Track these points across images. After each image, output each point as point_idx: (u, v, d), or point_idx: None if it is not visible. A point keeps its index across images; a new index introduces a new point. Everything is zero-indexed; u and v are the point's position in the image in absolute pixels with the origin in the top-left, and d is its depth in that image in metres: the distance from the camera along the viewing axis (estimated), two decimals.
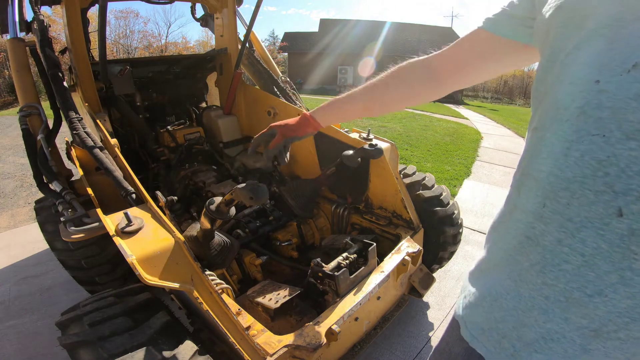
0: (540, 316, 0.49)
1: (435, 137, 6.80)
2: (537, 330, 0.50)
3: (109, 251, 1.64)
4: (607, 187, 0.40)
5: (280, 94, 2.36)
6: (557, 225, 0.45)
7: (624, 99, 0.38)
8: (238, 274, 1.66)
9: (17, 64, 1.83)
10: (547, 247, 0.47)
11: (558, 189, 0.44)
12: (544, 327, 0.49)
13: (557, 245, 0.45)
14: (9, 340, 1.86)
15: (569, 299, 0.45)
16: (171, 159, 2.37)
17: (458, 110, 12.72)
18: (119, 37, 19.74)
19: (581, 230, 0.42)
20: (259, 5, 2.12)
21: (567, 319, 0.46)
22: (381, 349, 1.81)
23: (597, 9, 0.42)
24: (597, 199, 0.40)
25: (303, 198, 1.96)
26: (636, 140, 0.37)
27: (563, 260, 0.45)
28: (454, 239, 1.89)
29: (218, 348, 1.18)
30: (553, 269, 0.46)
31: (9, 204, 3.63)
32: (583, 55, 0.43)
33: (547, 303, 0.48)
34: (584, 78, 0.42)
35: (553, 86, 0.47)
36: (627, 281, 0.40)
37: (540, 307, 0.49)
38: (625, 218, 0.39)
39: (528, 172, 0.50)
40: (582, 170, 0.41)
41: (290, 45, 20.98)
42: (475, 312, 0.61)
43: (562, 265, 0.45)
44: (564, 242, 0.44)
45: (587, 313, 0.44)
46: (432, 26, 23.04)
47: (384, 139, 1.89)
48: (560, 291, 0.46)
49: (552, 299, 0.47)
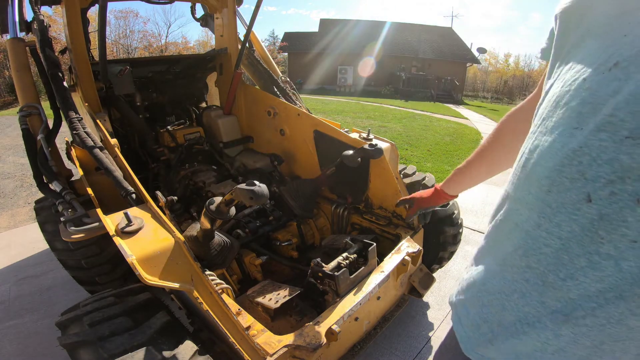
0: (520, 299, 0.51)
1: (435, 137, 6.80)
2: (516, 314, 0.52)
3: (109, 251, 1.64)
4: (580, 174, 0.42)
5: (280, 94, 2.36)
6: (539, 210, 0.48)
7: (603, 95, 0.41)
8: (238, 274, 1.66)
9: (17, 64, 1.83)
10: (529, 231, 0.49)
11: (541, 177, 0.47)
12: (522, 310, 0.51)
13: (537, 229, 0.48)
14: (9, 340, 1.86)
15: (545, 282, 0.47)
16: (171, 159, 2.37)
17: (458, 110, 12.72)
18: (119, 37, 19.74)
19: (557, 214, 0.45)
20: (259, 5, 2.12)
21: (543, 303, 0.48)
22: (381, 349, 1.81)
23: (593, 8, 0.45)
24: (572, 185, 0.43)
25: (303, 198, 1.96)
26: (606, 132, 0.40)
27: (543, 244, 0.47)
28: (454, 239, 1.89)
29: (218, 348, 1.18)
30: (534, 253, 0.49)
31: (9, 204, 3.63)
32: (578, 54, 0.46)
33: (527, 286, 0.50)
34: (573, 77, 0.45)
35: (551, 86, 0.50)
36: (595, 265, 0.42)
37: (521, 290, 0.51)
38: (594, 203, 0.41)
39: (522, 163, 0.53)
40: (561, 159, 0.44)
41: (290, 45, 20.97)
42: (464, 297, 0.64)
43: (542, 249, 0.48)
44: (542, 227, 0.47)
45: (562, 296, 0.46)
46: (432, 26, 23.02)
47: (384, 139, 1.89)
48: (540, 274, 0.48)
49: (532, 282, 0.49)
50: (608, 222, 0.40)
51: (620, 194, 0.39)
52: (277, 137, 2.38)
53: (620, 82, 0.39)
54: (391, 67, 19.34)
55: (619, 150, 0.39)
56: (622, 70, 0.39)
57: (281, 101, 2.28)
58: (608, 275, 0.41)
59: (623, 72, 0.39)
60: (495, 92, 30.33)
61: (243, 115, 2.62)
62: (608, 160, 0.40)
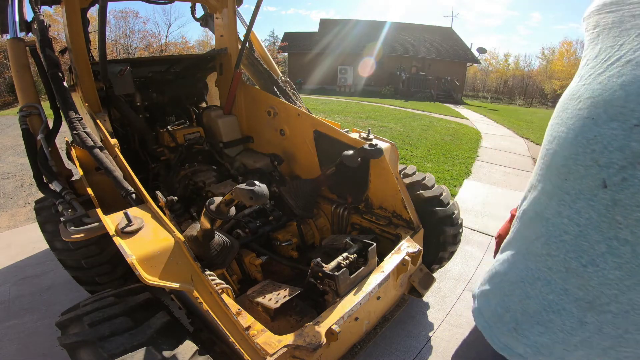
0: (544, 287, 0.52)
1: (435, 137, 6.80)
2: (540, 301, 0.53)
3: (109, 251, 1.64)
4: (593, 161, 0.45)
5: (280, 94, 2.35)
6: (558, 198, 0.50)
7: (613, 87, 0.43)
8: (238, 274, 1.66)
9: (17, 64, 1.83)
10: (550, 219, 0.51)
11: (559, 165, 0.49)
12: (547, 298, 0.52)
13: (557, 216, 0.50)
14: (9, 340, 1.86)
15: (568, 269, 0.49)
16: (171, 159, 2.36)
17: (458, 110, 12.72)
18: (119, 37, 19.74)
19: (576, 201, 0.47)
20: (259, 5, 2.12)
21: (567, 290, 0.49)
22: (381, 349, 1.80)
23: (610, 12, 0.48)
24: (587, 172, 0.45)
25: (303, 198, 1.96)
26: (617, 121, 0.42)
27: (563, 231, 0.49)
28: (454, 239, 1.89)
29: (218, 348, 1.18)
30: (555, 241, 0.50)
31: (9, 204, 3.63)
32: (592, 51, 0.49)
33: (550, 274, 0.51)
34: (588, 72, 0.48)
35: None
36: (614, 250, 0.43)
37: (545, 278, 0.52)
38: (608, 189, 0.43)
39: (542, 154, 0.55)
40: (576, 148, 0.47)
41: (290, 45, 20.97)
42: (486, 288, 0.66)
43: (562, 236, 0.49)
44: (562, 214, 0.49)
45: (583, 284, 0.47)
46: (432, 26, 23.01)
47: (384, 139, 1.89)
48: (561, 261, 0.49)
49: (554, 269, 0.51)
50: (622, 208, 0.42)
51: (631, 179, 0.41)
52: (277, 137, 2.38)
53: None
54: (391, 67, 19.34)
55: (629, 137, 0.41)
56: (635, 65, 0.41)
57: (281, 101, 2.28)
58: (626, 262, 0.42)
59: (634, 67, 0.41)
60: (495, 92, 30.33)
61: (243, 115, 2.62)
62: (619, 147, 0.42)
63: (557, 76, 27.00)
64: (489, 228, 3.17)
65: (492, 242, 2.93)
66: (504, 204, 3.74)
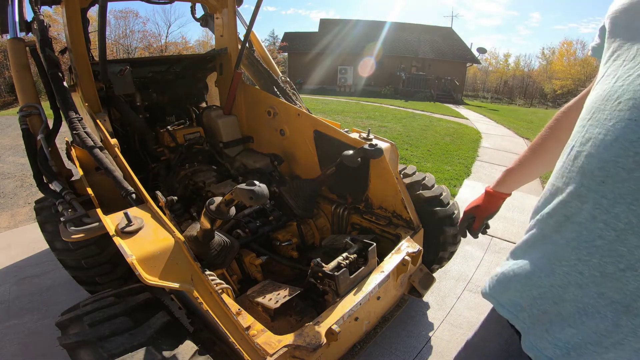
0: (577, 291, 0.51)
1: (435, 137, 6.80)
2: (575, 304, 0.52)
3: (109, 251, 1.64)
4: (637, 165, 0.43)
5: (280, 94, 2.35)
6: (593, 202, 0.48)
7: None
8: (238, 274, 1.66)
9: (17, 64, 1.83)
10: (583, 223, 0.49)
11: (594, 169, 0.48)
12: (582, 301, 0.51)
13: (592, 221, 0.48)
14: (9, 340, 1.86)
15: (603, 274, 0.47)
16: (171, 159, 2.37)
17: (458, 110, 12.72)
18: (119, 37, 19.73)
19: (615, 206, 0.45)
20: (259, 5, 2.12)
21: (602, 294, 0.48)
22: (381, 349, 1.80)
23: None
24: (629, 176, 0.44)
25: (303, 198, 1.96)
26: None
27: (597, 236, 0.48)
28: (454, 239, 1.89)
29: (218, 348, 1.18)
30: (587, 245, 0.49)
31: (9, 204, 3.63)
32: (630, 52, 0.48)
33: (582, 278, 0.50)
34: (627, 73, 0.47)
35: (598, 82, 0.53)
36: None
37: (576, 282, 0.51)
38: None
39: (572, 156, 0.53)
40: (617, 150, 0.45)
41: (290, 45, 20.96)
42: (509, 292, 0.64)
43: (596, 241, 0.48)
44: (598, 218, 0.47)
45: (620, 287, 0.46)
46: (432, 26, 23.01)
47: (384, 139, 1.89)
48: (595, 266, 0.48)
49: (587, 274, 0.49)
50: None
51: None
52: (277, 137, 2.38)
53: None
54: (391, 67, 19.33)
55: None
56: None
57: (281, 101, 2.28)
58: None
59: None
60: (495, 92, 30.33)
61: (243, 115, 2.62)
62: None
63: (557, 76, 26.99)
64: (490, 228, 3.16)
65: (492, 241, 2.93)
66: (504, 204, 3.74)
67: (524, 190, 4.23)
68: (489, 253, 2.74)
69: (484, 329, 0.76)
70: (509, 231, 3.13)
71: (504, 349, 0.67)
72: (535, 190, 4.31)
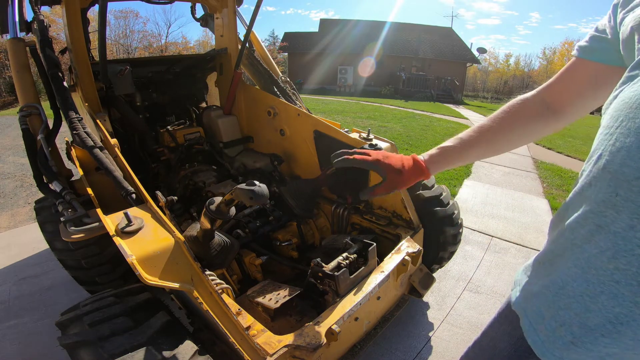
0: (609, 301, 0.51)
1: (435, 137, 6.80)
2: (605, 314, 0.51)
3: (109, 251, 1.64)
4: None
5: (280, 94, 2.35)
6: (630, 212, 0.48)
7: None
8: (238, 274, 1.66)
9: (17, 64, 1.83)
10: (619, 233, 0.49)
11: (631, 178, 0.47)
12: (612, 311, 0.50)
13: (630, 230, 0.48)
14: (9, 340, 1.86)
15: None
16: (171, 159, 2.36)
17: (458, 110, 12.72)
18: (119, 37, 19.74)
19: None
20: (259, 5, 2.12)
21: (638, 303, 0.48)
22: (381, 349, 1.80)
23: None
24: None
25: (303, 198, 1.96)
26: None
27: (636, 245, 0.47)
28: (454, 239, 1.89)
29: (218, 348, 1.18)
30: (626, 255, 0.48)
31: (9, 204, 3.63)
32: None
33: (618, 287, 0.50)
34: None
35: (624, 88, 0.52)
36: None
37: (610, 292, 0.51)
38: None
39: (601, 165, 0.53)
40: None
41: (290, 45, 20.96)
42: (538, 302, 0.63)
43: (635, 250, 0.47)
44: (636, 228, 0.47)
45: None
46: (432, 26, 23.01)
47: (384, 139, 1.89)
48: (633, 275, 0.48)
49: (624, 283, 0.49)
50: None
51: None
52: (277, 137, 2.38)
53: None
54: (391, 67, 19.34)
55: None
56: None
57: (281, 101, 2.28)
58: None
59: None
60: (495, 92, 30.34)
61: (243, 115, 2.62)
62: None
63: None
64: (489, 228, 3.17)
65: (492, 241, 2.93)
66: (504, 204, 3.74)
67: (524, 190, 4.23)
68: (489, 253, 2.75)
69: (493, 329, 0.76)
70: (509, 231, 3.13)
71: (514, 348, 0.66)
72: (535, 190, 4.31)
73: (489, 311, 2.11)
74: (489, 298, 2.23)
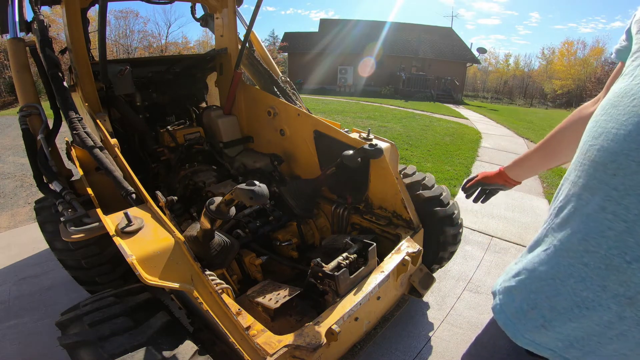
0: (577, 284, 0.52)
1: (435, 137, 6.80)
2: (573, 298, 0.52)
3: (109, 251, 1.64)
4: None
5: (280, 94, 2.35)
6: (603, 194, 0.49)
7: None
8: (238, 274, 1.66)
9: (17, 64, 1.83)
10: (591, 215, 0.50)
11: (607, 161, 0.49)
12: (580, 295, 0.51)
13: (601, 212, 0.49)
14: (9, 340, 1.86)
15: (608, 266, 0.48)
16: (171, 159, 2.36)
17: (458, 110, 12.72)
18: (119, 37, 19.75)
19: (625, 197, 0.46)
20: (259, 5, 2.12)
21: (605, 287, 0.49)
22: (381, 349, 1.81)
23: None
24: (639, 169, 0.45)
25: (303, 198, 1.96)
26: None
27: (607, 227, 0.48)
28: (454, 239, 1.89)
29: (218, 348, 1.18)
30: (595, 236, 0.49)
31: (9, 204, 3.63)
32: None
33: (586, 270, 0.51)
34: None
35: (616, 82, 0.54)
36: None
37: (579, 275, 0.51)
38: None
39: (584, 150, 0.54)
40: (629, 144, 0.46)
41: (290, 45, 20.95)
42: (511, 285, 0.65)
43: (605, 232, 0.48)
44: (607, 209, 0.48)
45: (625, 280, 0.47)
46: (432, 26, 23.00)
47: (384, 139, 1.89)
48: (601, 258, 0.49)
49: (592, 266, 0.50)
50: None
51: None
52: (277, 137, 2.38)
53: None
54: (391, 67, 19.33)
55: None
56: None
57: (281, 101, 2.28)
58: None
59: None
60: (495, 92, 30.34)
61: (243, 115, 2.62)
62: None
63: (558, 76, 26.99)
64: (489, 228, 3.17)
65: (492, 241, 2.93)
66: (504, 204, 3.74)
67: (524, 190, 4.23)
68: (489, 253, 2.74)
69: (494, 327, 0.77)
70: (509, 231, 3.13)
71: (513, 346, 0.67)
72: (535, 190, 4.31)
73: (489, 311, 2.09)
74: (489, 298, 2.23)
